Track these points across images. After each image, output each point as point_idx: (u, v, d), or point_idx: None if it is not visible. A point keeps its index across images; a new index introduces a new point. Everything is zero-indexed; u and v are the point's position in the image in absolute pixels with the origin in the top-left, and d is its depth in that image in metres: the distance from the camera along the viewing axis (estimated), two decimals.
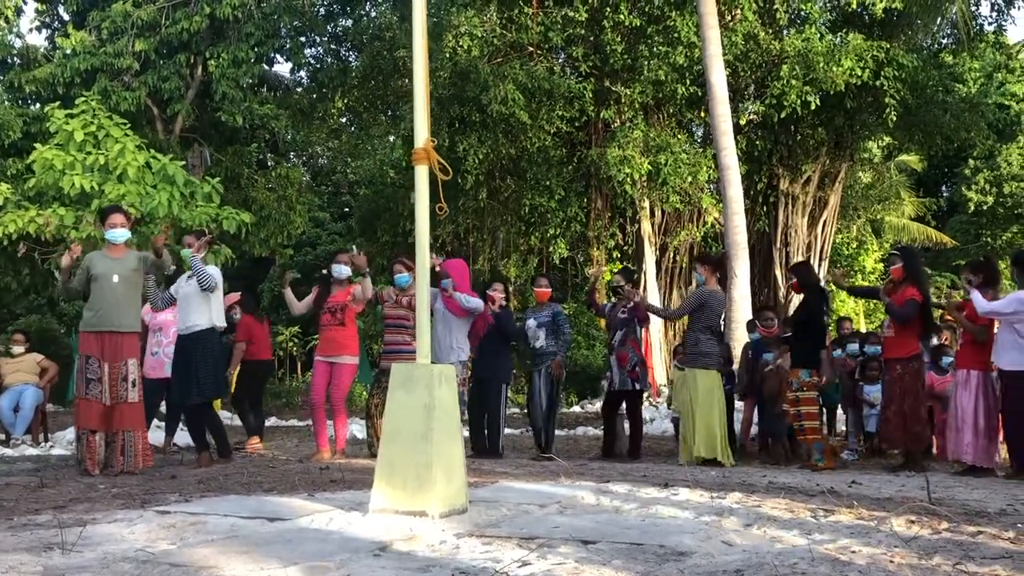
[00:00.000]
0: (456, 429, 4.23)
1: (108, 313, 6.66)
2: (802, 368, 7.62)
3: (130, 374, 6.71)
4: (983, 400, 7.17)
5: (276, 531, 3.72)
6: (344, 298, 7.89)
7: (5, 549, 3.38)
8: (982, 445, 7.11)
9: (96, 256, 6.89)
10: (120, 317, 6.70)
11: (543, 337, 8.51)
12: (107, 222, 6.87)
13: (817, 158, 18.59)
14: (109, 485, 5.77)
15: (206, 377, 7.25)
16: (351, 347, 7.93)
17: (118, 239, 6.85)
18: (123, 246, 6.93)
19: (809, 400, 7.62)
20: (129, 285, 6.77)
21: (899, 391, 7.44)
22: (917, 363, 7.48)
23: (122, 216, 6.94)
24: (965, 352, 7.45)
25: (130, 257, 6.90)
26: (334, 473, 6.40)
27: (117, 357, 6.68)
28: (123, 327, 6.72)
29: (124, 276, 6.72)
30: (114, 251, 6.86)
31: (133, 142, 10.18)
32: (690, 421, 7.96)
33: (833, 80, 15.68)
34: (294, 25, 17.59)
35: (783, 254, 19.00)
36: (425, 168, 4.45)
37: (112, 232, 6.82)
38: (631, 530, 3.62)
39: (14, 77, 15.96)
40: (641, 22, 16.81)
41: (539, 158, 17.56)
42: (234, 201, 14.08)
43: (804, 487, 5.66)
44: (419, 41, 4.40)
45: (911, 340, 7.46)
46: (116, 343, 6.68)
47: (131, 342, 6.82)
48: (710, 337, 8.07)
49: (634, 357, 8.43)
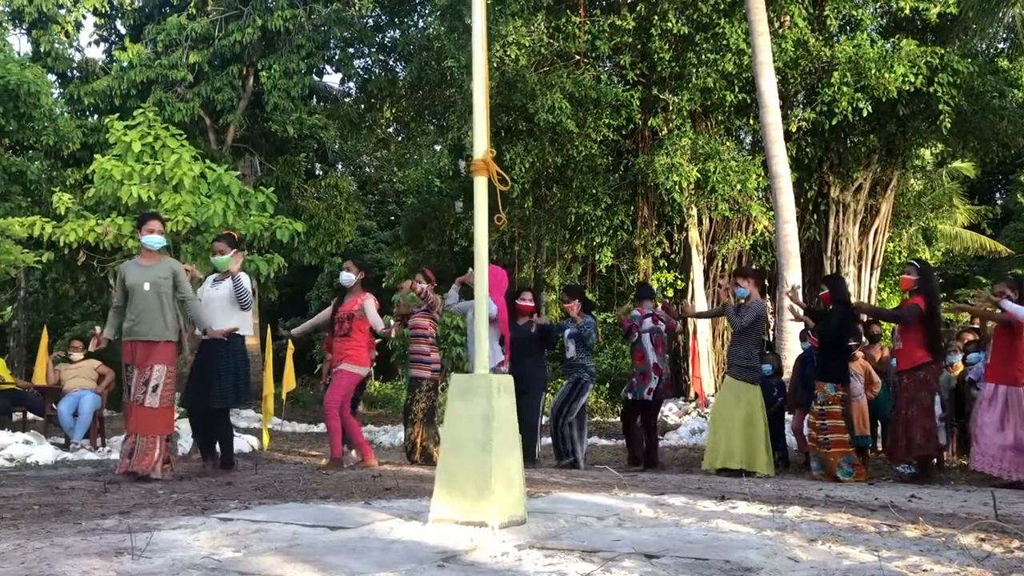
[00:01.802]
0: (515, 439, 4.23)
1: (140, 321, 6.64)
2: (828, 382, 7.66)
3: (153, 379, 6.61)
4: (1012, 414, 7.13)
5: (339, 540, 3.75)
6: (352, 307, 7.84)
7: (77, 553, 3.45)
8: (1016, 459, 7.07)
9: (129, 265, 6.88)
10: (151, 325, 6.64)
11: (572, 348, 8.62)
12: (144, 228, 6.82)
13: (868, 165, 18.31)
14: (169, 491, 5.86)
15: (228, 384, 7.20)
16: (353, 356, 7.82)
17: (155, 245, 6.79)
18: (157, 253, 6.87)
19: (834, 414, 7.63)
20: (160, 292, 6.69)
21: (905, 401, 7.48)
22: (923, 372, 7.47)
23: (159, 223, 6.92)
24: (994, 366, 7.39)
25: (162, 265, 6.83)
26: (387, 481, 6.44)
27: (145, 363, 6.62)
28: (153, 335, 6.65)
29: (155, 283, 6.67)
30: (148, 258, 6.81)
31: (189, 152, 10.38)
32: (722, 431, 7.98)
33: (885, 86, 15.45)
34: (343, 36, 17.85)
35: (834, 263, 18.72)
36: (484, 179, 4.46)
37: (149, 238, 6.76)
38: (694, 544, 3.59)
39: (73, 90, 16.40)
40: (689, 29, 16.73)
41: (585, 166, 17.55)
42: (284, 210, 14.29)
43: (863, 501, 5.56)
44: (479, 54, 4.41)
45: (916, 350, 7.48)
46: (147, 351, 6.63)
47: (162, 350, 6.70)
48: (760, 352, 8.20)
49: (636, 368, 8.63)
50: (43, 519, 4.48)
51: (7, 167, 12.88)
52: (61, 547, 3.58)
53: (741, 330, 8.05)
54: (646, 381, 8.68)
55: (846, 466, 7.48)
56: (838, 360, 7.78)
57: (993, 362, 7.39)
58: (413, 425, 8.25)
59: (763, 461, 7.86)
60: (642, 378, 8.70)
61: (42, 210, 12.38)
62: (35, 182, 13.55)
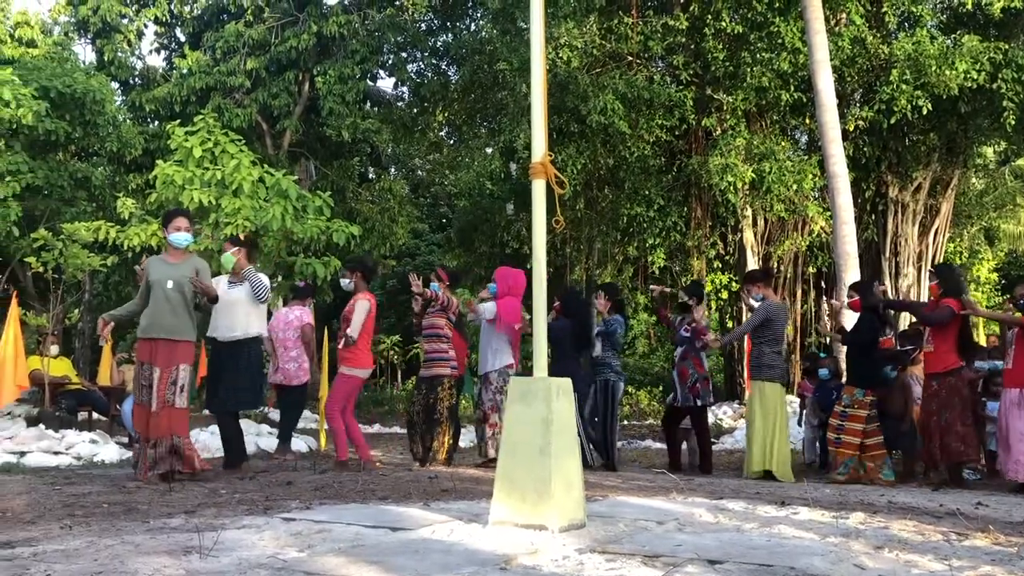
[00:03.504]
0: (574, 442, 4.23)
1: (161, 320, 6.51)
2: (857, 387, 7.69)
3: (180, 379, 6.51)
4: None
5: (400, 541, 3.79)
6: (350, 310, 7.80)
7: (147, 551, 3.53)
8: None
9: (154, 261, 6.75)
10: (174, 324, 6.53)
11: (599, 346, 8.55)
12: (171, 225, 6.69)
13: (928, 164, 17.91)
14: (231, 490, 5.97)
15: (245, 386, 7.17)
16: (352, 359, 7.75)
17: (182, 243, 6.69)
18: (183, 251, 6.76)
19: (857, 418, 7.62)
20: (184, 291, 6.58)
21: (936, 406, 7.38)
22: (954, 378, 7.38)
23: (187, 220, 6.80)
24: (1018, 371, 7.19)
25: (187, 264, 6.69)
26: (444, 482, 6.48)
27: (169, 363, 6.49)
28: (176, 334, 6.54)
29: (179, 282, 6.54)
30: (173, 256, 6.70)
31: (248, 158, 10.56)
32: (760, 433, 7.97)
33: (946, 84, 15.09)
34: (397, 41, 18.01)
35: (892, 264, 18.36)
36: (542, 182, 4.47)
37: (176, 236, 6.65)
38: (757, 550, 3.55)
39: (135, 97, 16.81)
40: (743, 29, 16.54)
41: (638, 167, 17.45)
42: (339, 214, 14.47)
43: (928, 508, 5.45)
44: (537, 60, 4.43)
45: (948, 354, 7.38)
46: (169, 350, 6.51)
47: (185, 349, 6.61)
48: (774, 349, 8.12)
49: (694, 374, 8.49)
50: (112, 517, 4.60)
51: (73, 173, 13.23)
52: (131, 545, 3.67)
53: (754, 331, 8.19)
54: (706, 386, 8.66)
55: (843, 468, 7.57)
56: (868, 365, 7.79)
57: (1017, 367, 7.20)
58: (440, 424, 8.03)
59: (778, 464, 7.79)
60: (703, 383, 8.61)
61: (106, 215, 12.70)
62: (99, 188, 13.89)
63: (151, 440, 6.46)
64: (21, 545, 3.67)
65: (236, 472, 7.17)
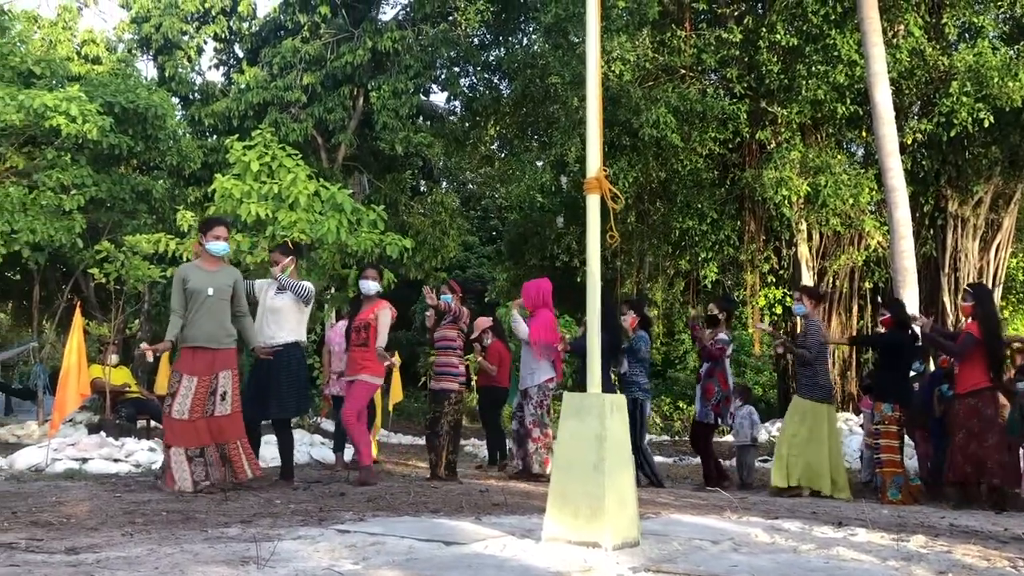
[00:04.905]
0: (628, 459, 4.21)
1: (202, 328, 6.52)
2: (885, 403, 7.72)
3: (220, 388, 6.55)
4: None
5: (454, 556, 3.80)
6: (368, 316, 7.74)
7: (206, 560, 3.59)
8: None
9: (190, 268, 6.73)
10: (214, 332, 6.56)
11: (625, 363, 8.53)
12: (211, 233, 6.71)
13: (990, 178, 17.47)
14: (285, 501, 6.04)
15: (289, 393, 7.14)
16: (370, 367, 7.70)
17: (220, 252, 6.73)
18: (220, 260, 6.80)
19: (890, 434, 7.67)
20: (223, 299, 6.62)
21: (960, 426, 7.37)
22: (975, 400, 7.35)
23: (225, 229, 6.83)
24: None
25: (225, 272, 6.76)
26: (495, 496, 6.49)
27: (208, 372, 6.52)
28: (215, 343, 6.57)
29: (219, 289, 6.58)
30: (210, 263, 6.73)
31: (304, 171, 10.71)
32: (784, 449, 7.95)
33: (1009, 96, 14.74)
34: (450, 56, 18.15)
35: (952, 280, 17.92)
36: (597, 197, 4.47)
37: (215, 244, 6.69)
38: (816, 573, 3.49)
39: (195, 111, 17.16)
40: (798, 41, 16.36)
41: (690, 180, 17.33)
42: (392, 227, 14.59)
43: (992, 532, 5.31)
44: (593, 75, 4.44)
45: (974, 374, 7.39)
46: (210, 358, 6.54)
47: (224, 356, 6.64)
48: (826, 369, 8.14)
49: (720, 392, 8.50)
50: (171, 525, 4.69)
51: (135, 186, 13.56)
52: (191, 554, 3.73)
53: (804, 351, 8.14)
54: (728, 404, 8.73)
55: (895, 487, 7.54)
56: (895, 380, 7.81)
57: None
58: (440, 438, 8.04)
59: (828, 482, 7.77)
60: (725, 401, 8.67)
61: (166, 227, 12.97)
62: (160, 200, 14.21)
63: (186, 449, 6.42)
64: (85, 551, 3.76)
65: (289, 484, 7.20)
